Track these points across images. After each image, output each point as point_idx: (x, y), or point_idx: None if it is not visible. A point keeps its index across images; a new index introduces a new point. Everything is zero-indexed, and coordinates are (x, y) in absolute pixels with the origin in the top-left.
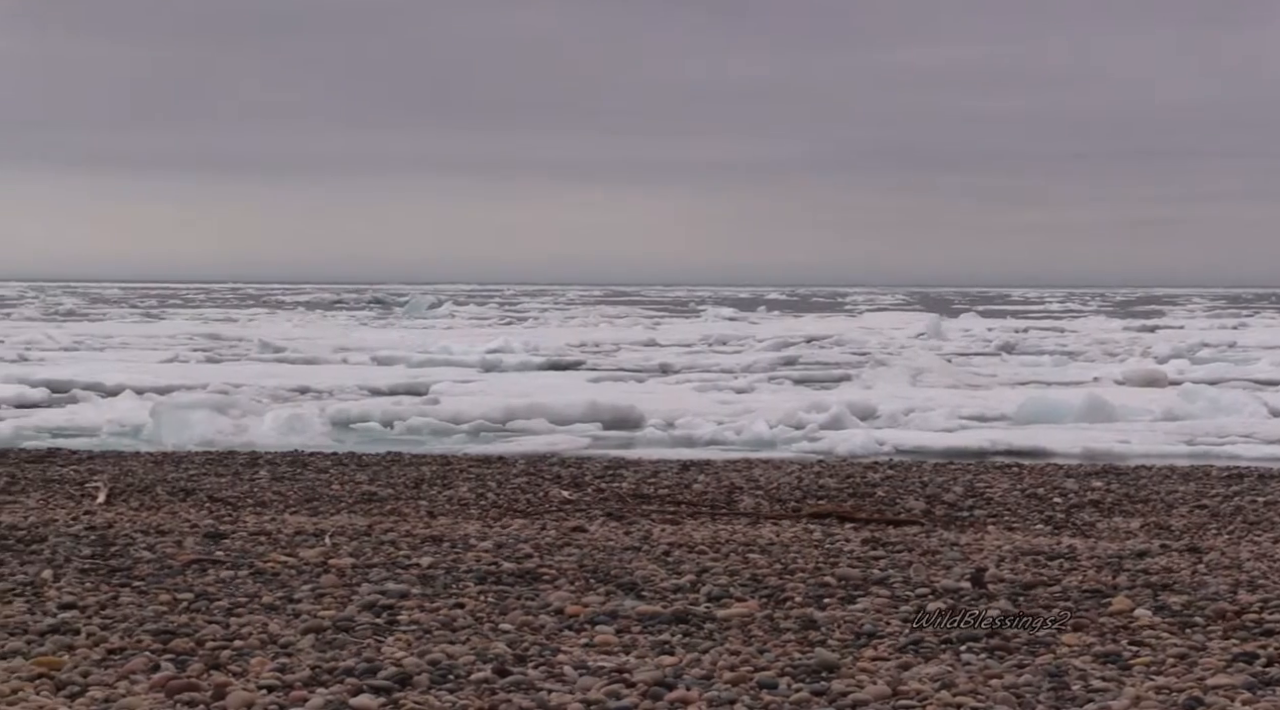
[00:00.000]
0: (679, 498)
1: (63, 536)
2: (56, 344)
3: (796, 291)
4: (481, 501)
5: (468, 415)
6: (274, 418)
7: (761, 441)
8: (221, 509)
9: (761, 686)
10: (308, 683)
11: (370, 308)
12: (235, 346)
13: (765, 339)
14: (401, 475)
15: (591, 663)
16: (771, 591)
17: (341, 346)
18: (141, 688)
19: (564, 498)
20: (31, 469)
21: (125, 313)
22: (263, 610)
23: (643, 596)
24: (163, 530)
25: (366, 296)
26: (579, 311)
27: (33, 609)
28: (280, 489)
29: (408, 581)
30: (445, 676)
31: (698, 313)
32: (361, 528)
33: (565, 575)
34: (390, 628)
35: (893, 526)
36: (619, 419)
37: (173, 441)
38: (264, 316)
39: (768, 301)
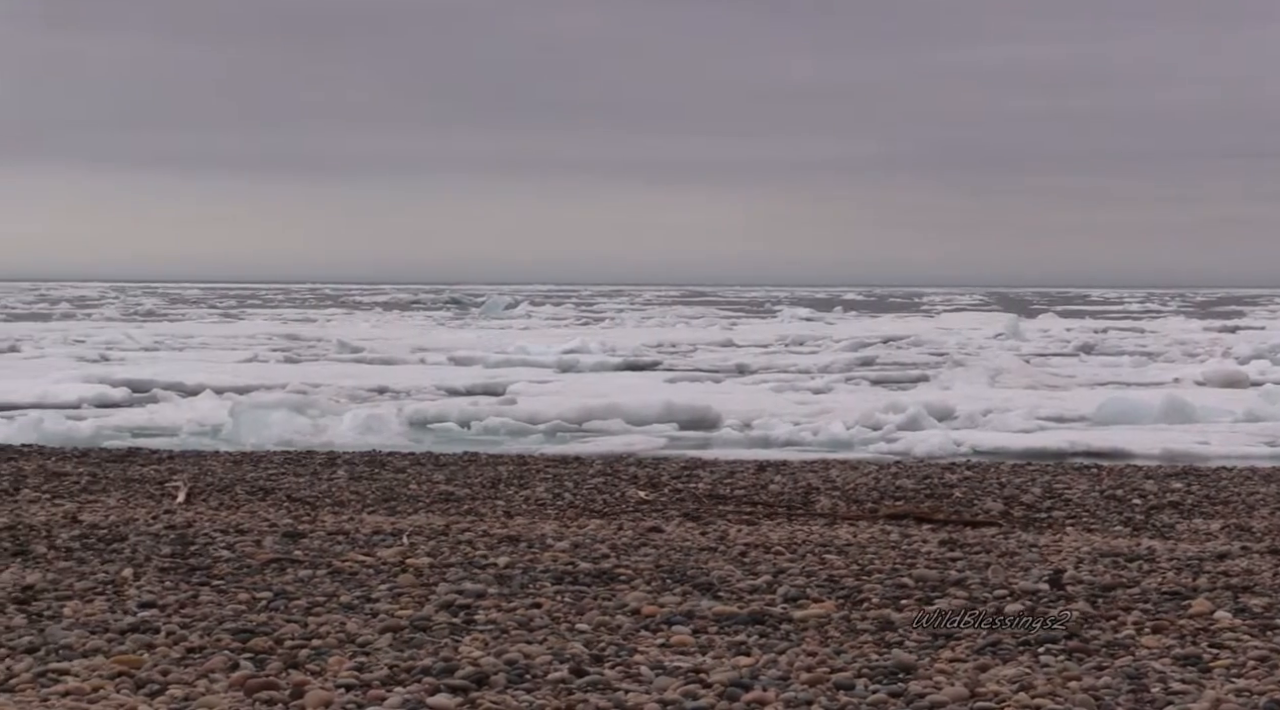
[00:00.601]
0: (755, 498)
1: (143, 535)
2: (137, 344)
3: (873, 292)
4: (558, 502)
5: (544, 415)
6: (352, 418)
7: (838, 442)
8: (300, 508)
9: (838, 687)
10: (385, 682)
11: (447, 308)
12: (314, 347)
13: (842, 339)
14: (478, 475)
15: (668, 663)
16: (848, 592)
17: (419, 347)
18: (220, 686)
19: (640, 498)
20: (112, 468)
21: (204, 313)
22: (341, 609)
23: (719, 597)
24: (242, 529)
25: (444, 297)
26: (655, 312)
27: (113, 607)
28: (358, 489)
29: (485, 581)
30: (522, 676)
31: (774, 313)
32: (439, 527)
33: (642, 575)
34: (467, 627)
35: (970, 528)
36: (695, 419)
37: (252, 441)
38: (341, 317)
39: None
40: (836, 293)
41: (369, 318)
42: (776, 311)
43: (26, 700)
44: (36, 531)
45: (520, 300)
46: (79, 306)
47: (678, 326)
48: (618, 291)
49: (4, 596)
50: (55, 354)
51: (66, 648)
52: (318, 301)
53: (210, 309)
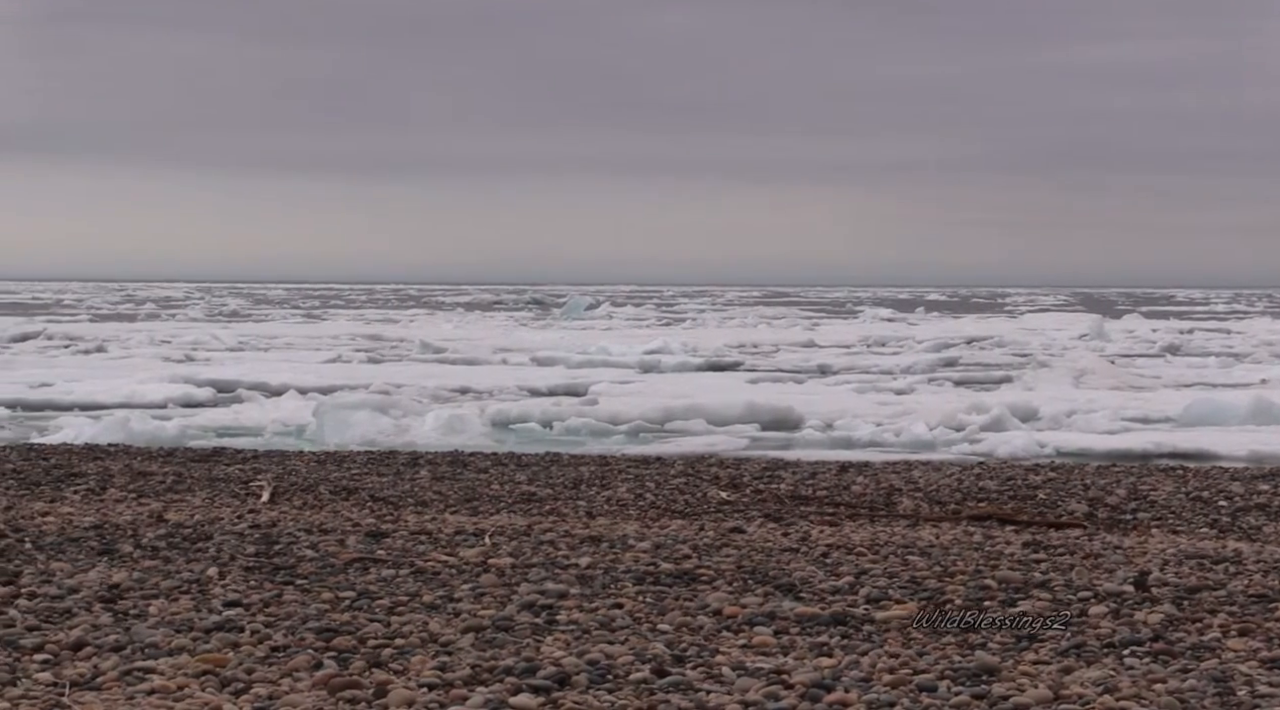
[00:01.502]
0: (837, 499)
1: (228, 534)
2: (222, 344)
3: (956, 292)
4: (640, 502)
5: (626, 416)
6: (434, 418)
7: (921, 443)
8: (383, 508)
9: (921, 689)
10: (468, 681)
11: (529, 309)
12: (397, 347)
13: (925, 340)
14: (560, 475)
15: (750, 664)
16: (931, 594)
17: (501, 347)
18: (304, 685)
19: (722, 498)
20: (197, 468)
21: (287, 313)
22: (423, 609)
23: (801, 598)
24: (325, 529)
25: (525, 297)
26: (737, 312)
27: (198, 606)
28: (441, 489)
29: (566, 581)
30: (604, 676)
31: (856, 313)
32: (521, 528)
33: (723, 576)
34: (549, 627)
35: (1054, 529)
36: (777, 420)
37: (335, 441)
38: (424, 317)
39: (926, 302)
40: (919, 293)
41: (451, 318)
42: (858, 312)
43: (113, 698)
44: (123, 530)
45: (601, 301)
46: (164, 307)
47: (760, 327)
48: (700, 292)
49: (91, 595)
50: (142, 354)
51: (152, 646)
52: (400, 302)
53: (293, 309)
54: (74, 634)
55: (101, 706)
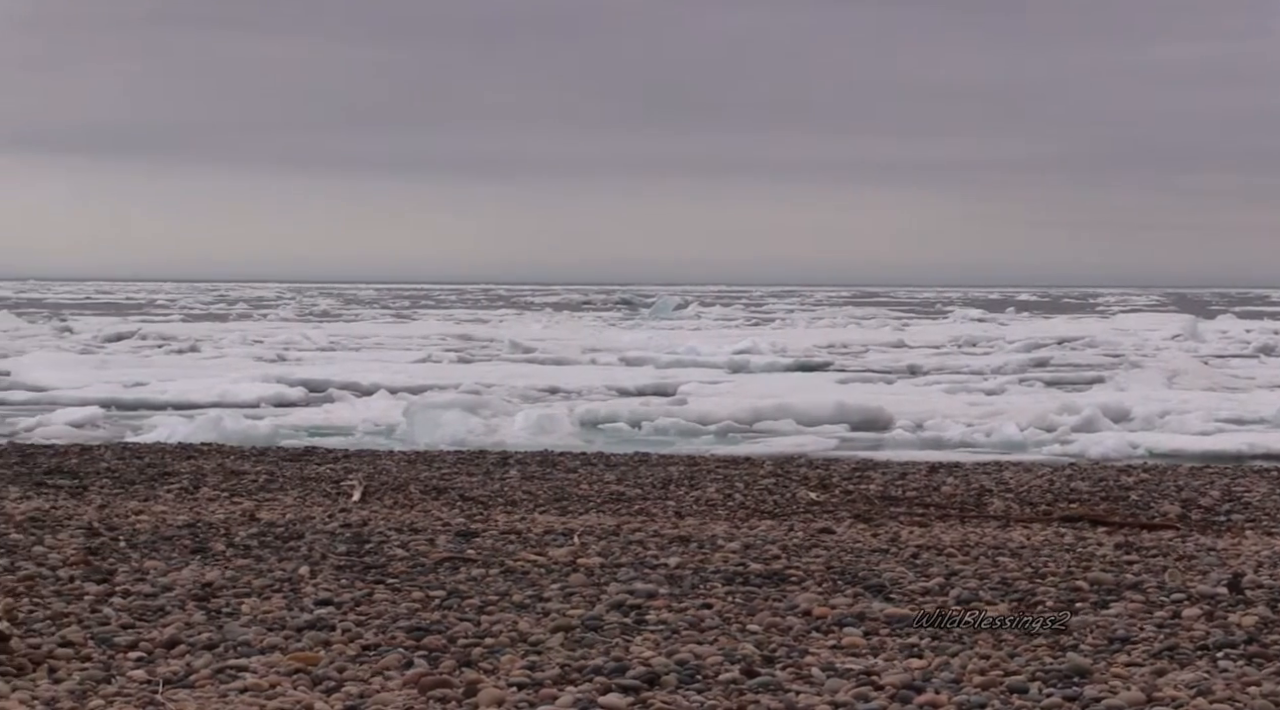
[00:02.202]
0: (927, 500)
1: (319, 533)
2: (314, 344)
3: (1047, 293)
4: (729, 502)
5: (715, 416)
6: (524, 418)
7: (1012, 444)
8: (472, 508)
9: (1012, 691)
10: (557, 681)
11: (617, 309)
12: (486, 347)
13: (1016, 340)
14: (649, 475)
15: (839, 664)
16: (1022, 595)
17: (590, 347)
18: (395, 684)
19: (811, 499)
20: (289, 467)
21: (377, 314)
22: (513, 608)
23: (891, 599)
24: (415, 528)
25: (614, 297)
26: (826, 312)
27: (290, 605)
28: (530, 488)
29: (656, 581)
30: (693, 677)
31: (945, 314)
32: (610, 527)
33: (813, 577)
34: (638, 627)
35: (1147, 531)
36: (867, 420)
37: (425, 440)
38: (513, 317)
39: (1017, 303)
40: (1010, 293)
41: (540, 318)
42: (948, 312)
43: (206, 696)
44: (215, 529)
45: (690, 301)
46: (255, 307)
47: (849, 327)
48: (788, 292)
49: (184, 593)
50: (234, 354)
51: (245, 644)
52: (489, 302)
53: (383, 309)
54: (168, 632)
55: (195, 704)
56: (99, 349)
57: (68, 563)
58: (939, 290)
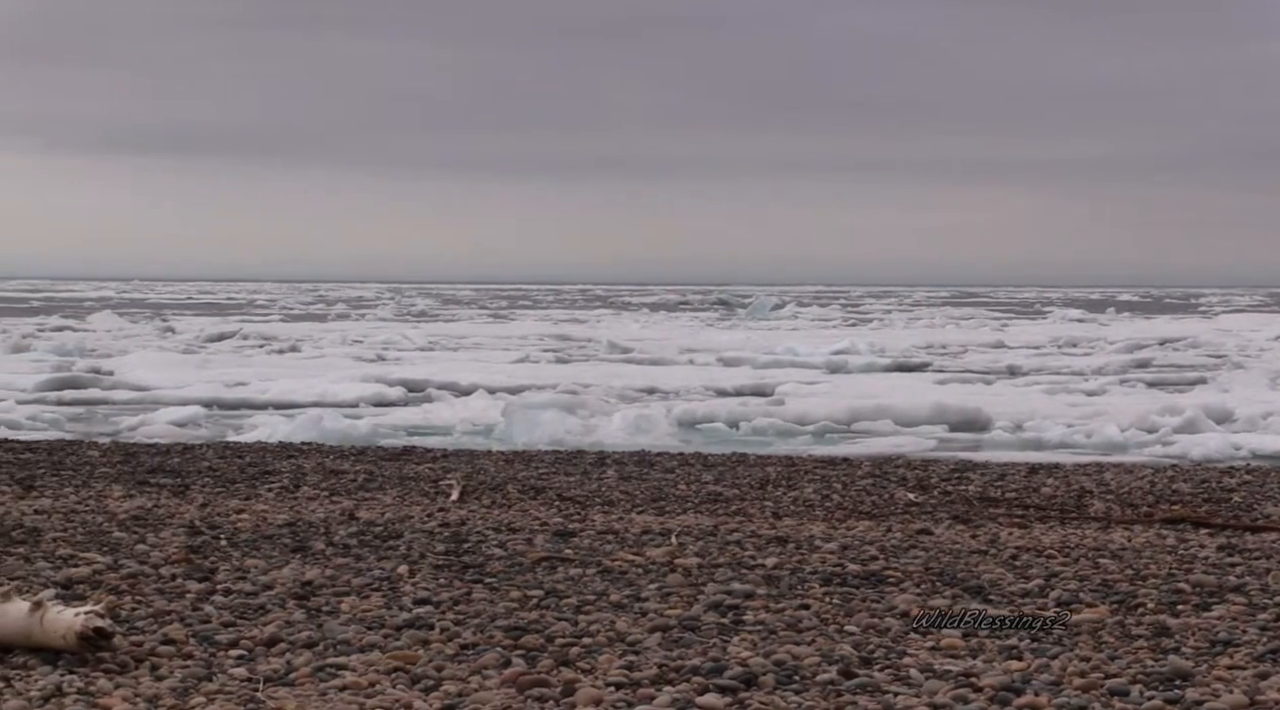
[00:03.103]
0: (1027, 501)
1: (418, 533)
2: (413, 344)
3: (1149, 293)
4: (826, 503)
5: (813, 416)
6: (621, 418)
7: (1112, 444)
8: (570, 507)
9: (1113, 693)
10: (654, 681)
11: (715, 309)
12: (584, 347)
13: (1116, 341)
14: (747, 476)
15: (938, 666)
16: (1123, 597)
17: (688, 347)
18: (493, 683)
19: (909, 500)
20: (388, 466)
21: (475, 314)
22: (610, 608)
23: (990, 600)
24: (513, 528)
25: (711, 298)
26: (924, 313)
27: (389, 604)
28: (627, 488)
29: (753, 582)
30: (790, 677)
31: (1044, 314)
32: (707, 528)
33: (911, 578)
34: (736, 628)
35: (1250, 532)
36: (966, 421)
37: (523, 440)
38: (610, 317)
39: (1118, 303)
40: (1110, 294)
41: (638, 318)
42: (1047, 313)
43: (305, 694)
44: (315, 528)
45: (787, 301)
46: (354, 307)
47: (947, 328)
48: (886, 292)
49: (284, 592)
50: (334, 354)
51: (344, 643)
52: (587, 302)
53: (481, 310)
54: (268, 630)
55: (295, 702)
56: (201, 349)
57: (170, 561)
58: (1039, 291)
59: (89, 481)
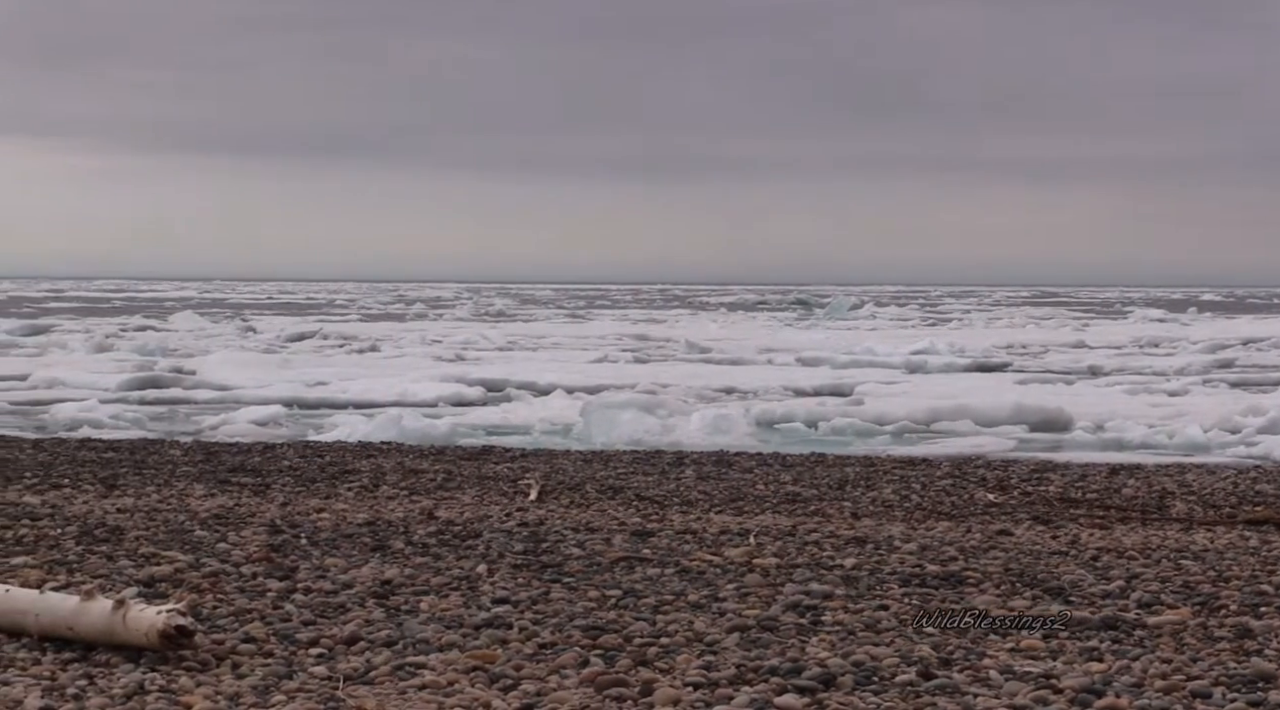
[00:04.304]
0: (1108, 502)
1: (496, 532)
2: (491, 344)
3: (1232, 292)
4: (905, 503)
5: (892, 416)
6: (700, 417)
7: (1195, 445)
8: (648, 507)
9: (1195, 696)
10: (733, 681)
11: (793, 309)
12: (662, 347)
13: (1199, 341)
14: (825, 476)
15: (1018, 667)
16: (1205, 599)
17: (766, 347)
18: (571, 682)
19: (989, 501)
20: (467, 466)
21: (552, 313)
22: (689, 608)
23: (1070, 601)
24: (592, 527)
25: (789, 298)
26: (1004, 313)
27: (468, 603)
28: (705, 488)
29: (831, 582)
30: (869, 678)
31: (1125, 314)
32: (785, 528)
33: (990, 579)
34: (814, 628)
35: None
36: (1046, 421)
37: (602, 440)
38: (688, 317)
39: (1200, 303)
40: (1193, 293)
41: (716, 318)
42: (1128, 312)
43: (385, 692)
44: (395, 527)
45: (865, 301)
46: (433, 307)
47: (1028, 327)
48: (966, 292)
49: (364, 591)
50: (413, 354)
51: (423, 642)
52: (665, 302)
53: (558, 310)
54: (348, 629)
55: (374, 700)
56: (281, 348)
57: (251, 559)
58: (1120, 290)
59: (171, 480)
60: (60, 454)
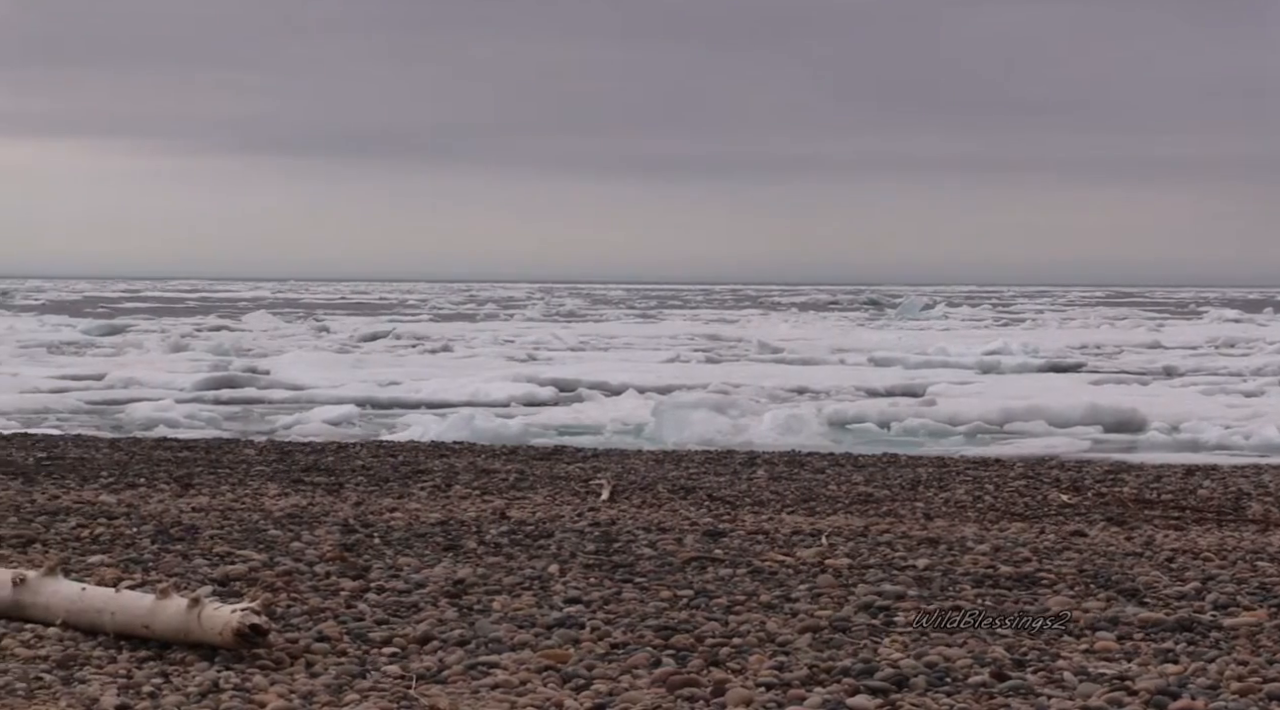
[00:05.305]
0: (1183, 503)
1: (568, 532)
2: (563, 344)
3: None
4: (978, 504)
5: (965, 417)
6: (772, 418)
7: (1271, 446)
8: (720, 507)
9: (1271, 698)
10: (805, 682)
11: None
12: (734, 347)
13: (1276, 341)
14: (897, 476)
15: (1092, 669)
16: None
17: (838, 347)
18: (643, 682)
19: (1063, 501)
20: (539, 466)
21: (623, 314)
22: (760, 608)
23: (1145, 603)
24: (663, 527)
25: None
26: (1078, 313)
27: (540, 602)
28: (777, 488)
29: (904, 583)
30: (942, 679)
31: (1200, 314)
32: (858, 528)
33: (1064, 580)
34: (886, 629)
35: None
36: (1120, 422)
37: (673, 440)
38: (759, 317)
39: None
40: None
41: (787, 318)
42: (1203, 312)
43: (458, 692)
44: (467, 527)
45: (937, 301)
46: (504, 307)
47: (1102, 328)
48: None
49: (436, 590)
50: (485, 354)
51: (496, 641)
52: (736, 302)
53: (629, 310)
54: (421, 628)
55: (447, 700)
56: (355, 348)
57: (324, 559)
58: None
59: (245, 479)
60: (136, 453)
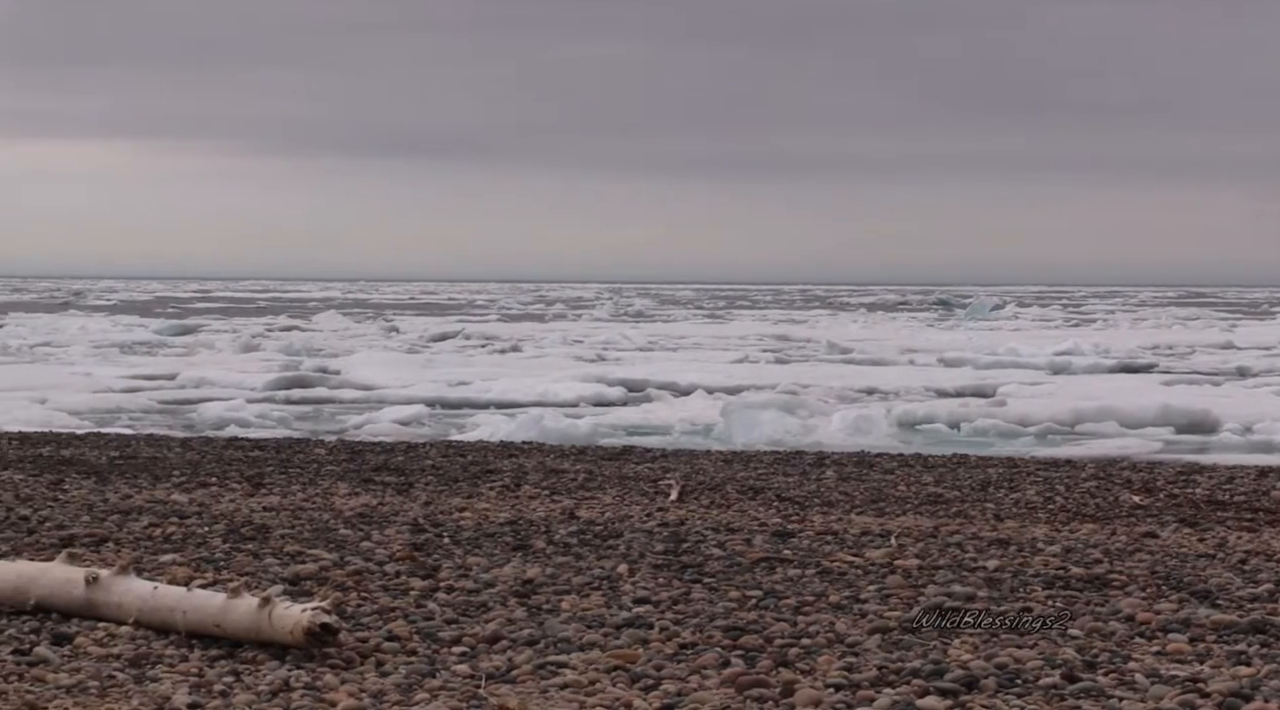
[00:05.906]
0: (1256, 505)
1: (637, 532)
2: (632, 344)
3: None
4: (1049, 505)
5: (1035, 417)
6: (841, 418)
7: None
8: (789, 508)
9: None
10: (874, 683)
11: (933, 309)
12: (803, 347)
13: None
14: (967, 477)
15: (1164, 671)
16: None
17: (908, 348)
18: (712, 683)
19: (1135, 503)
20: (608, 466)
21: (691, 314)
22: (829, 609)
23: (1217, 605)
24: (732, 528)
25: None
26: (1150, 313)
27: (609, 603)
28: (846, 489)
29: (974, 584)
30: (1012, 681)
31: (1274, 314)
32: (927, 529)
33: (1136, 581)
34: (956, 630)
35: None
36: (1193, 423)
37: (742, 440)
38: (828, 318)
39: None
40: None
41: (856, 318)
42: (1276, 313)
43: (527, 691)
44: (536, 527)
45: (1007, 301)
46: (572, 307)
47: (1174, 328)
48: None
49: (506, 590)
50: (554, 354)
51: (564, 641)
52: (805, 303)
53: (698, 310)
54: (490, 627)
55: (516, 699)
56: (424, 349)
57: (394, 558)
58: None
59: (316, 479)
60: (207, 453)
